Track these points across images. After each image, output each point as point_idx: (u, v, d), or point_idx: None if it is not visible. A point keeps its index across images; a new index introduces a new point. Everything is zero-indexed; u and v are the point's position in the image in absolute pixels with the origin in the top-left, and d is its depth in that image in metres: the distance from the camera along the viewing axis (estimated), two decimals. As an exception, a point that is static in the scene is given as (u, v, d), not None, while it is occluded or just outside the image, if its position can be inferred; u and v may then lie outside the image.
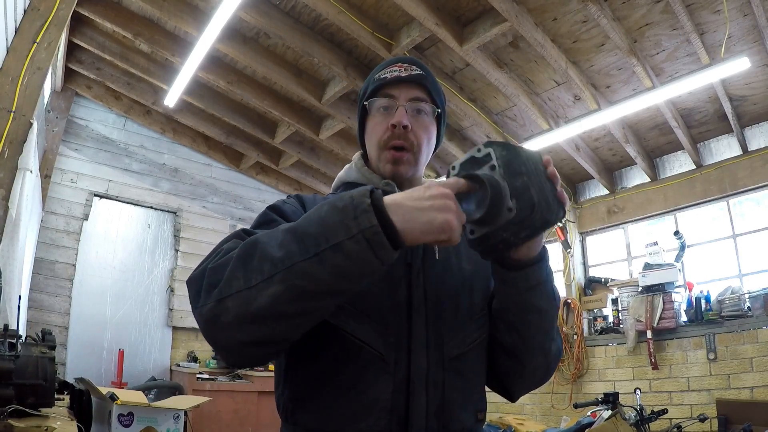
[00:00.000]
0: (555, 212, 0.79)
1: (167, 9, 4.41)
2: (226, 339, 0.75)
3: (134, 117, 6.20)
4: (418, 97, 1.03)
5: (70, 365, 5.20)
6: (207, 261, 0.79)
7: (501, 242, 0.78)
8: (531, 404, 6.01)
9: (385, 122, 1.02)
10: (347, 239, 0.67)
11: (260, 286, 0.70)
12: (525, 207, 0.75)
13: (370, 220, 0.67)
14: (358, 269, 0.70)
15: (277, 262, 0.70)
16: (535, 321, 0.92)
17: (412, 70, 1.03)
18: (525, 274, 0.88)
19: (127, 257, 5.93)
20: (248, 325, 0.72)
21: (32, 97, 2.87)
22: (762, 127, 5.05)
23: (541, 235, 0.85)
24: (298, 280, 0.69)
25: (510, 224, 0.75)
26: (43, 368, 1.84)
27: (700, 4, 3.81)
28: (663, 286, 5.10)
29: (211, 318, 0.73)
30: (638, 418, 3.38)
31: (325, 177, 6.97)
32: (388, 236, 0.68)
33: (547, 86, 4.99)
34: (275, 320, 0.72)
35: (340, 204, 0.70)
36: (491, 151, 0.79)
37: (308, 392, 0.88)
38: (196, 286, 0.77)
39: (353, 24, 4.18)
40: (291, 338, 0.78)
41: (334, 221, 0.69)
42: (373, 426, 0.84)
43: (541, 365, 0.97)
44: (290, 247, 0.70)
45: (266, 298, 0.70)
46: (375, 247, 0.68)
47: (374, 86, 1.04)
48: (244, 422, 5.12)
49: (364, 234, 0.67)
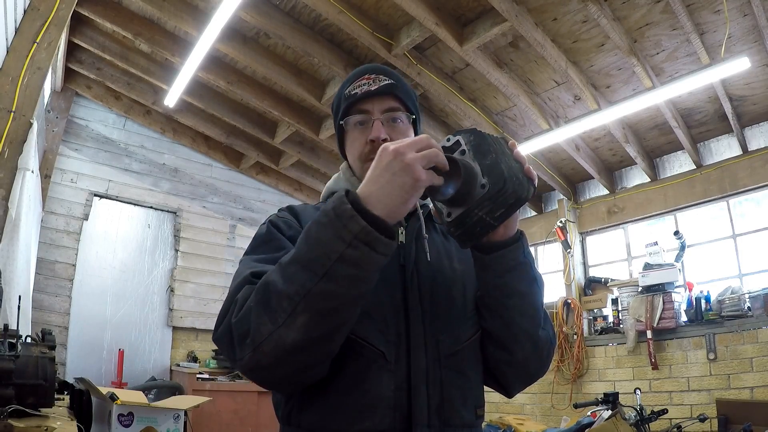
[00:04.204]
0: (526, 188, 0.83)
1: (167, 9, 4.41)
2: (273, 377, 0.81)
3: (134, 117, 6.20)
4: (392, 107, 1.04)
5: (70, 365, 5.20)
6: (227, 315, 0.82)
7: (478, 223, 0.81)
8: (531, 404, 6.01)
9: (363, 137, 1.03)
10: (346, 248, 0.71)
11: (287, 323, 0.74)
12: (497, 181, 0.78)
13: (358, 223, 0.71)
14: (365, 271, 0.74)
15: (293, 295, 0.73)
16: (516, 305, 0.93)
17: (381, 81, 1.04)
18: (502, 256, 0.90)
19: (127, 257, 5.93)
20: (289, 359, 0.77)
21: (32, 97, 2.87)
22: (762, 127, 5.05)
23: (515, 214, 0.88)
24: (319, 304, 0.73)
25: (484, 200, 0.79)
26: (43, 368, 1.84)
27: (700, 4, 3.81)
28: (663, 286, 5.10)
29: (254, 366, 0.79)
30: (638, 418, 3.38)
31: (325, 177, 6.97)
32: (379, 230, 0.71)
33: (547, 86, 4.98)
34: (311, 346, 0.76)
35: (325, 220, 0.73)
36: (459, 138, 0.84)
37: (311, 393, 0.88)
38: (227, 342, 0.80)
39: (353, 24, 4.18)
40: (332, 353, 0.82)
41: (328, 237, 0.72)
42: (378, 424, 0.85)
43: (531, 354, 0.96)
44: (299, 277, 0.74)
45: (296, 331, 0.74)
46: (373, 244, 0.71)
47: (346, 104, 1.06)
48: (244, 422, 5.12)
49: (358, 238, 0.71)
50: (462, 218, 0.81)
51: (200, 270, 6.36)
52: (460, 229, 0.83)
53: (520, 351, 0.96)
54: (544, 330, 0.98)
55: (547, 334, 0.99)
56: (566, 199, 6.39)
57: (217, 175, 6.88)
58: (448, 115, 5.59)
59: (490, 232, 0.86)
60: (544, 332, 0.98)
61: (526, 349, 0.96)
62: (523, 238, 0.93)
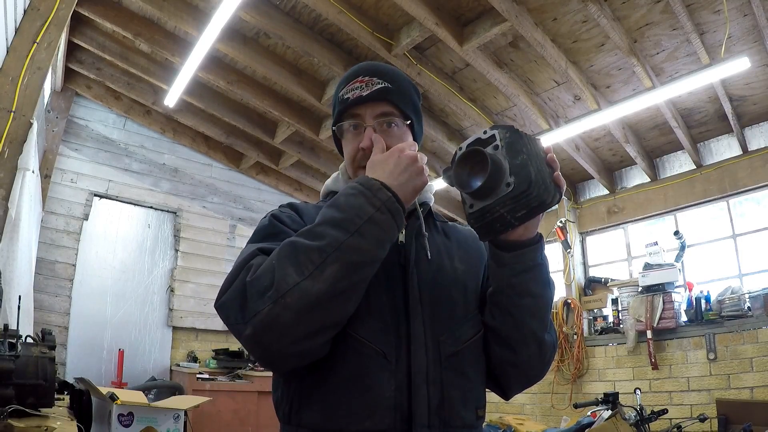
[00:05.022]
0: (551, 194, 0.84)
1: (167, 9, 4.41)
2: (282, 341, 0.79)
3: (134, 117, 6.20)
4: (384, 113, 1.01)
5: (70, 365, 5.20)
6: (237, 278, 0.82)
7: (498, 219, 0.83)
8: (531, 404, 6.01)
9: (355, 142, 1.02)
10: (375, 212, 0.81)
11: (314, 273, 0.77)
12: (522, 182, 0.79)
13: (385, 193, 0.83)
14: (388, 235, 0.83)
15: (324, 247, 0.79)
16: (528, 305, 0.93)
17: (373, 85, 1.01)
18: (520, 255, 0.91)
19: (127, 257, 5.93)
20: (309, 315, 0.78)
21: (32, 97, 2.87)
22: (762, 127, 5.05)
23: (537, 217, 0.88)
24: (350, 256, 0.79)
25: (507, 199, 0.80)
26: (43, 368, 1.84)
27: (700, 4, 3.81)
28: (663, 286, 5.10)
29: (270, 322, 0.77)
30: (638, 418, 3.38)
31: (325, 177, 6.95)
32: (399, 203, 0.83)
33: (547, 86, 4.99)
34: (333, 301, 0.79)
35: (354, 191, 0.84)
36: (496, 133, 0.85)
37: (311, 392, 0.88)
38: (239, 303, 0.80)
39: (353, 24, 4.17)
40: (345, 318, 0.84)
41: (359, 203, 0.82)
42: (378, 423, 0.85)
43: (534, 356, 0.97)
44: (331, 233, 0.80)
45: (323, 281, 0.77)
46: (394, 213, 0.83)
47: (339, 108, 1.04)
48: (244, 422, 5.12)
49: (386, 205, 0.82)
50: (483, 212, 0.83)
51: (200, 270, 6.36)
52: (480, 222, 0.85)
53: (526, 352, 0.96)
54: (549, 333, 0.98)
55: (551, 338, 1.00)
56: (566, 198, 6.39)
57: (217, 175, 6.88)
58: (448, 115, 5.59)
59: (509, 231, 0.87)
60: (549, 336, 0.99)
61: (531, 351, 0.96)
62: (542, 240, 0.94)
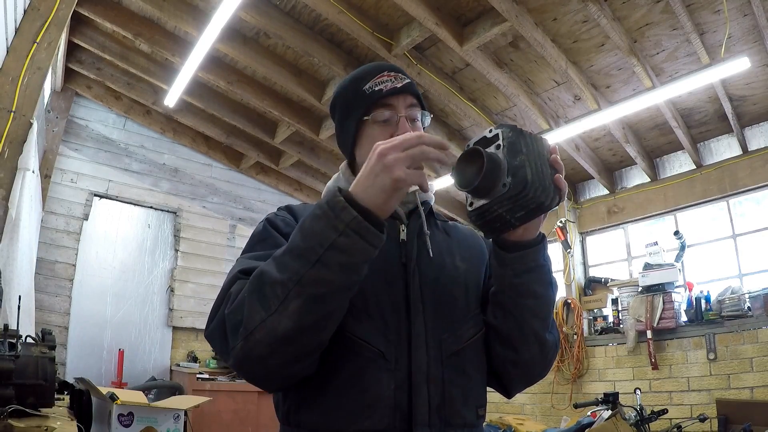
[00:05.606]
0: (550, 196, 0.83)
1: (167, 9, 4.41)
2: (262, 369, 0.81)
3: (134, 117, 6.20)
4: (413, 104, 1.04)
5: (70, 365, 5.20)
6: (221, 308, 0.82)
7: (498, 219, 0.83)
8: (531, 404, 6.01)
9: (385, 134, 0.99)
10: (338, 237, 0.74)
11: (279, 309, 0.75)
12: (518, 183, 0.79)
13: (349, 213, 0.74)
14: (356, 259, 0.76)
15: (286, 281, 0.75)
16: (530, 306, 0.94)
17: (403, 79, 1.04)
18: (522, 256, 0.90)
19: (127, 257, 5.93)
20: (280, 348, 0.77)
21: (32, 97, 2.87)
22: (762, 127, 5.05)
23: (537, 219, 0.88)
24: (311, 289, 0.75)
25: (504, 199, 0.80)
26: (43, 368, 1.84)
27: (700, 4, 3.81)
28: (663, 286, 5.10)
29: (244, 356, 0.78)
30: (638, 418, 3.38)
31: (325, 177, 6.96)
32: (369, 220, 0.74)
33: (547, 86, 4.99)
34: (303, 334, 0.77)
35: (319, 212, 0.76)
36: (499, 132, 0.85)
37: (310, 393, 0.88)
38: (220, 334, 0.81)
39: (353, 24, 4.17)
40: (322, 345, 0.82)
41: (321, 227, 0.75)
42: (378, 423, 0.85)
43: (536, 356, 0.97)
44: (293, 265, 0.76)
45: (289, 317, 0.75)
46: (363, 234, 0.74)
47: (370, 100, 1.02)
48: (244, 422, 5.12)
49: (349, 227, 0.73)
50: (482, 210, 0.83)
51: (200, 270, 6.36)
52: (480, 220, 0.85)
53: (528, 352, 0.96)
54: (551, 333, 0.99)
55: (554, 338, 1.00)
56: (566, 199, 6.39)
57: (217, 175, 6.88)
58: (448, 115, 5.59)
59: (509, 230, 0.87)
60: (551, 336, 0.99)
61: (533, 351, 0.96)
62: (544, 241, 0.94)
